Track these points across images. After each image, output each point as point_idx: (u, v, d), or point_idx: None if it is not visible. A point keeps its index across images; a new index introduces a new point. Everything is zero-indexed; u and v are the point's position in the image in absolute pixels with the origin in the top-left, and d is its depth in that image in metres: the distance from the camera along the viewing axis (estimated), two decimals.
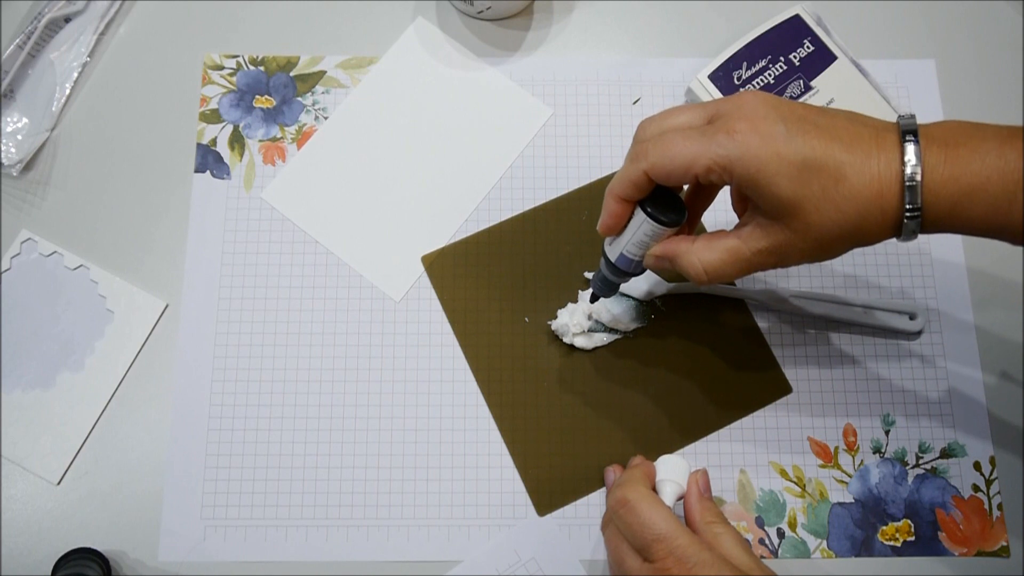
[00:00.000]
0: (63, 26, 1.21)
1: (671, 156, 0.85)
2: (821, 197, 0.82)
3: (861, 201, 0.82)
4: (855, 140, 0.83)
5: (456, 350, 1.12)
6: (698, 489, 0.98)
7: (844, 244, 0.86)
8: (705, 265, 0.89)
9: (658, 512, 0.91)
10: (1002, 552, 1.05)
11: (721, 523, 0.94)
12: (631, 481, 0.96)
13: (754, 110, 0.83)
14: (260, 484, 1.07)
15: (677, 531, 0.89)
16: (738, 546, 0.91)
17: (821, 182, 0.81)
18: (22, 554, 1.04)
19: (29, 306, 1.11)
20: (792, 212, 0.83)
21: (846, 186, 0.81)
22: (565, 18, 1.24)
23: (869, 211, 0.82)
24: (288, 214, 1.16)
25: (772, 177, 0.81)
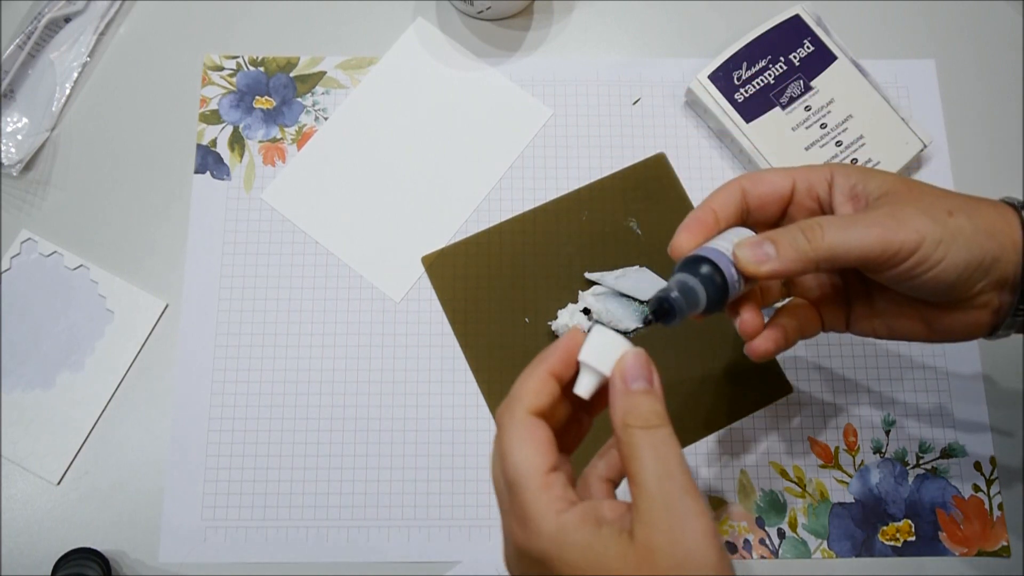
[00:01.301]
0: (63, 26, 1.21)
1: (844, 253, 0.80)
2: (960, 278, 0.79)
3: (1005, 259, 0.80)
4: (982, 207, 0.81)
5: (456, 350, 1.12)
6: (622, 380, 0.74)
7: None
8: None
9: (522, 448, 0.71)
10: (1003, 552, 1.05)
11: (644, 427, 0.72)
12: (516, 395, 0.75)
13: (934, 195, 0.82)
14: (260, 485, 1.07)
15: (530, 481, 0.70)
16: (654, 473, 0.69)
17: (966, 264, 0.79)
18: (22, 554, 1.04)
19: (29, 306, 1.11)
20: (930, 288, 0.81)
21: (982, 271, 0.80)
22: (565, 18, 1.24)
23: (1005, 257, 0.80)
24: (288, 215, 1.16)
25: (927, 258, 0.79)
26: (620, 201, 1.16)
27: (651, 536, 0.66)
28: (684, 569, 0.65)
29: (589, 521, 0.68)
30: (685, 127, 1.20)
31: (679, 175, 1.18)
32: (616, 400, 0.73)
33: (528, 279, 1.14)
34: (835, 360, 1.11)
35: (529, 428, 0.72)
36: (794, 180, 0.85)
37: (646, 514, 0.67)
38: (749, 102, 1.16)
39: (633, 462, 0.70)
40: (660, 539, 0.66)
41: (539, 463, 0.71)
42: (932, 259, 0.77)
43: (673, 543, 0.66)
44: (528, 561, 0.71)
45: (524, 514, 0.69)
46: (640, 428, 0.71)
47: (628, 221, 1.15)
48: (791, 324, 0.89)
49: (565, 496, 0.70)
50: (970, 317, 0.82)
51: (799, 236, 0.78)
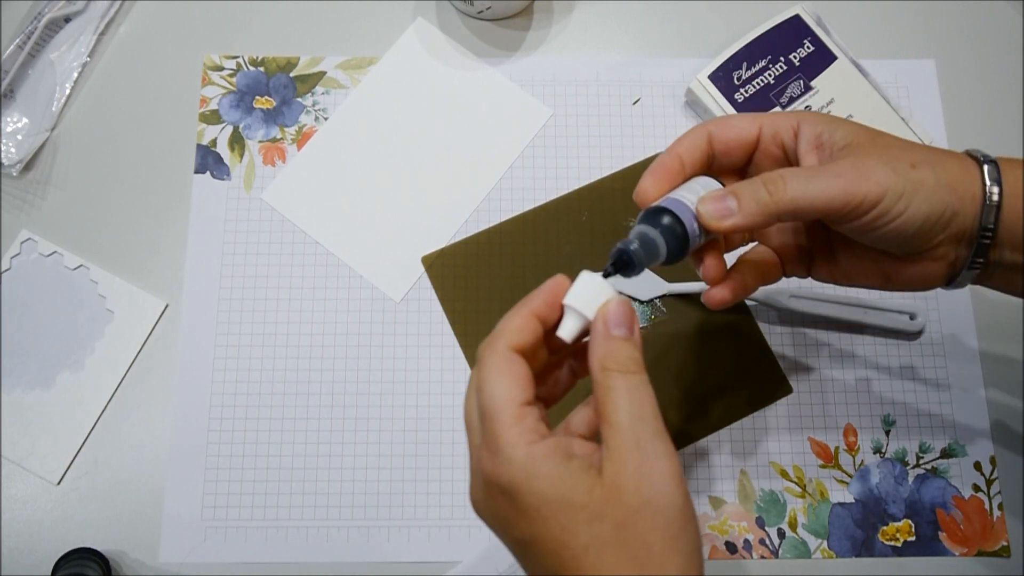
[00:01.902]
0: (63, 26, 1.21)
1: (854, 187, 0.79)
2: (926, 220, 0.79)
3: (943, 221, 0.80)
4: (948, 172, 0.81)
5: (456, 350, 1.12)
6: (604, 325, 0.75)
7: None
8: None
9: (499, 382, 0.72)
10: (1003, 552, 1.05)
11: (622, 371, 0.72)
12: (498, 332, 0.75)
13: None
14: (260, 485, 1.07)
15: (503, 414, 0.71)
16: (627, 414, 0.70)
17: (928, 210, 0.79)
18: (22, 554, 1.04)
19: (29, 306, 1.11)
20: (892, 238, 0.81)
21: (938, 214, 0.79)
22: (565, 18, 1.24)
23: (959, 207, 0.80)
24: (288, 215, 1.16)
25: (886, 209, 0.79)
26: (620, 201, 1.16)
27: (619, 473, 0.68)
28: (650, 507, 0.67)
29: (559, 453, 0.70)
30: (685, 127, 1.20)
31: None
32: (596, 343, 0.74)
33: (528, 279, 1.13)
34: (835, 360, 1.11)
35: (508, 362, 0.73)
36: (761, 126, 0.85)
37: (616, 452, 0.69)
38: (749, 102, 1.16)
39: (608, 403, 0.71)
40: (628, 477, 0.68)
41: (515, 395, 0.72)
42: (894, 211, 0.77)
43: (640, 480, 0.67)
44: (495, 491, 0.71)
45: (495, 443, 0.70)
46: (617, 372, 0.72)
47: (628, 221, 1.15)
48: (751, 272, 0.90)
49: (537, 429, 0.71)
50: (927, 269, 0.83)
51: (761, 189, 0.78)
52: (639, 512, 0.67)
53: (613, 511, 0.67)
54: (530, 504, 0.69)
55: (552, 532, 0.68)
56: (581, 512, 0.68)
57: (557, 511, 0.68)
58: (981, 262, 0.81)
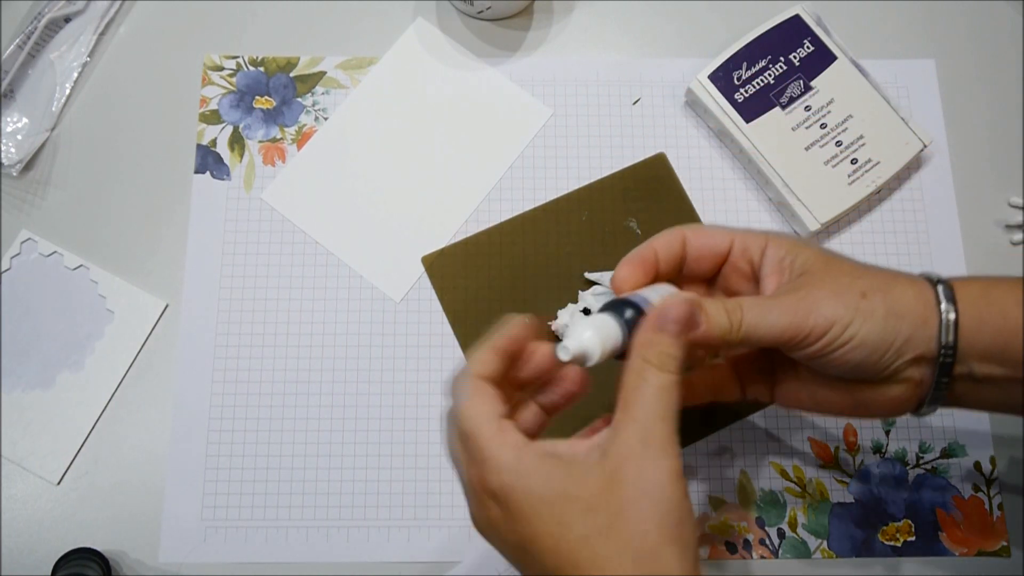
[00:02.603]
0: (63, 26, 1.21)
1: (808, 317, 0.80)
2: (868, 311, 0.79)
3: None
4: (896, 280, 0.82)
5: (456, 350, 1.12)
6: (661, 315, 0.75)
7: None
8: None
9: (473, 404, 0.73)
10: (1002, 552, 1.05)
11: (659, 368, 0.73)
12: (468, 367, 0.75)
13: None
14: (260, 485, 1.07)
15: (481, 428, 0.71)
16: (659, 402, 0.71)
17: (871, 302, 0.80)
18: (22, 554, 1.04)
19: (29, 306, 1.11)
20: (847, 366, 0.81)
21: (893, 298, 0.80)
22: (565, 18, 1.24)
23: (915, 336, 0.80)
24: (288, 215, 1.16)
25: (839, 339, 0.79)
26: (620, 201, 1.17)
27: (622, 465, 0.69)
28: (647, 498, 0.67)
29: (546, 452, 0.71)
30: (685, 127, 1.20)
31: (679, 175, 1.18)
32: (645, 330, 0.75)
33: (528, 279, 1.14)
34: None
35: (479, 387, 0.74)
36: (732, 241, 0.85)
37: (624, 443, 0.70)
38: (749, 102, 1.16)
39: (635, 394, 0.72)
40: (630, 469, 0.68)
41: (491, 410, 0.73)
42: (839, 341, 0.77)
43: (641, 474, 0.68)
44: (488, 501, 0.72)
45: (482, 456, 0.71)
46: (655, 367, 0.72)
47: (628, 221, 1.15)
48: (703, 384, 0.92)
49: (519, 436, 0.72)
50: (893, 392, 0.82)
51: (723, 314, 0.78)
52: (636, 503, 0.68)
53: (609, 502, 0.68)
54: (524, 504, 0.69)
55: (548, 528, 0.69)
56: (575, 504, 0.68)
57: (551, 506, 0.69)
58: (946, 381, 0.81)
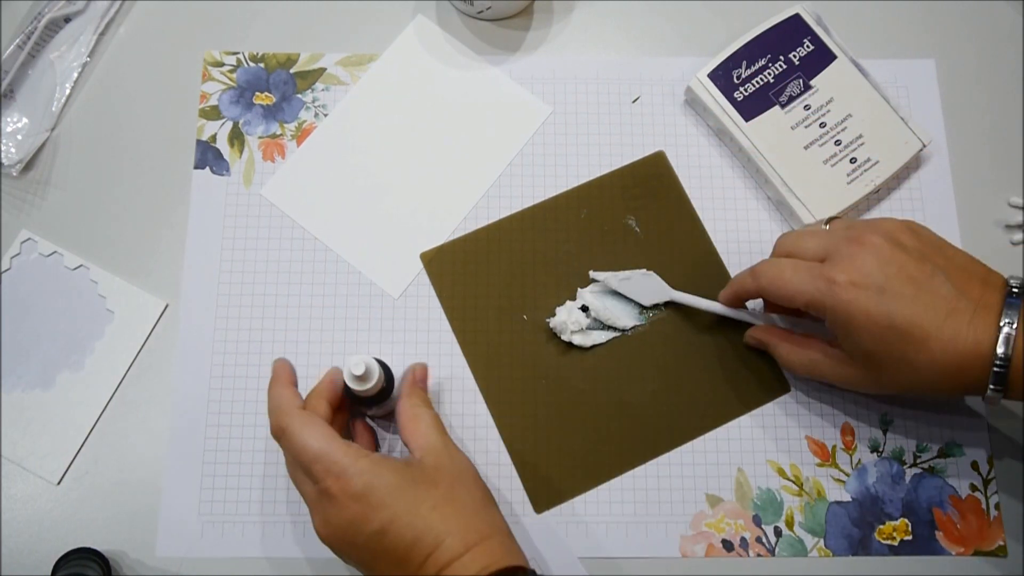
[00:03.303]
0: (63, 26, 1.21)
1: (779, 286, 0.98)
2: (900, 359, 0.91)
3: (940, 370, 0.89)
4: (950, 313, 0.89)
5: (454, 347, 1.12)
6: (413, 377, 1.06)
7: (916, 394, 1.04)
8: (788, 364, 1.05)
9: (311, 433, 0.93)
10: (999, 552, 1.06)
11: (424, 405, 1.02)
12: (282, 407, 0.98)
13: (862, 264, 0.92)
14: (258, 480, 1.08)
15: (330, 447, 0.92)
16: (432, 427, 0.99)
17: (902, 347, 0.90)
18: (22, 554, 1.04)
19: (29, 306, 1.11)
20: (870, 363, 0.93)
21: (927, 355, 0.89)
22: (565, 18, 1.24)
23: (947, 381, 0.91)
24: (287, 211, 1.16)
25: (858, 331, 0.92)
26: (619, 199, 1.17)
27: (439, 459, 0.96)
28: (466, 474, 0.96)
29: (387, 458, 0.94)
30: (684, 125, 1.20)
31: (678, 173, 1.18)
32: (406, 388, 1.04)
33: (527, 276, 1.14)
34: None
35: (306, 415, 0.96)
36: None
37: (432, 448, 0.97)
38: (748, 101, 1.16)
39: (418, 422, 0.99)
40: (445, 459, 0.96)
41: (330, 431, 0.94)
42: None
43: (452, 461, 0.96)
44: (349, 503, 0.90)
45: (339, 468, 0.90)
46: (423, 406, 1.02)
47: (627, 219, 1.15)
48: None
49: (364, 450, 0.93)
50: None
51: (747, 277, 1.05)
52: (460, 478, 0.94)
53: (443, 480, 0.93)
54: (384, 494, 0.89)
55: (406, 506, 0.89)
56: (421, 485, 0.91)
57: (406, 490, 0.90)
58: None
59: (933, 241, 0.95)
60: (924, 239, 0.95)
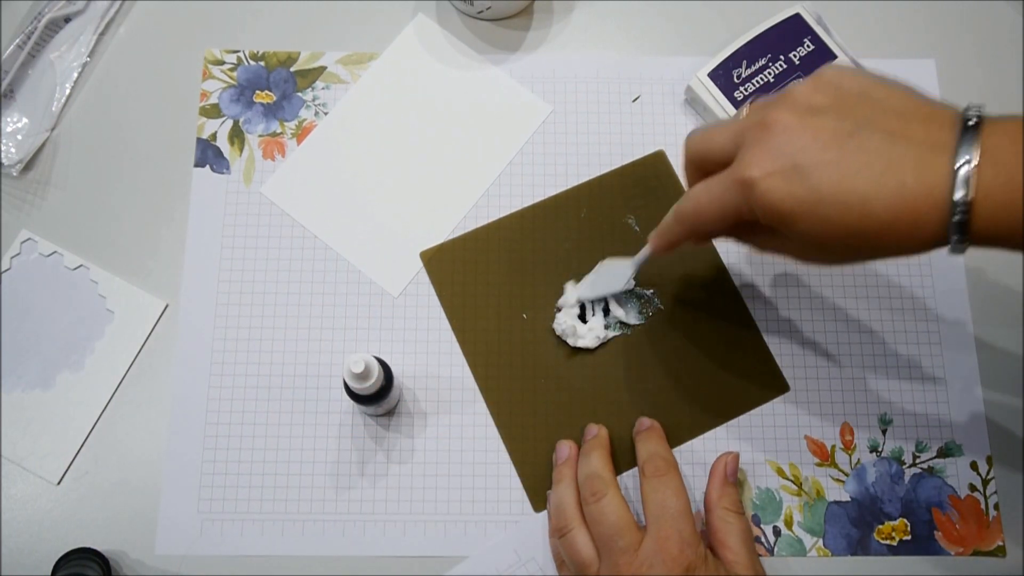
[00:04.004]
0: (63, 26, 1.21)
1: (701, 217, 0.88)
2: (847, 233, 0.78)
3: (893, 232, 0.77)
4: (888, 166, 0.76)
5: (454, 346, 1.12)
6: (723, 473, 1.04)
7: (882, 259, 0.84)
8: (756, 248, 0.94)
9: (626, 514, 0.97)
10: (998, 552, 1.06)
11: (735, 512, 1.01)
12: (602, 473, 1.00)
13: (771, 147, 0.80)
14: (257, 479, 1.08)
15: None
16: (740, 539, 0.99)
17: (844, 218, 0.77)
18: (22, 554, 1.04)
19: (29, 306, 1.12)
20: (823, 246, 0.82)
21: (873, 220, 0.76)
22: (565, 18, 1.24)
23: (904, 241, 0.78)
24: (287, 209, 1.16)
25: (792, 219, 0.79)
26: (619, 198, 1.17)
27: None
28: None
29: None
30: (685, 125, 1.20)
31: (678, 173, 1.18)
32: (715, 486, 1.03)
33: (526, 275, 1.14)
34: (832, 359, 1.12)
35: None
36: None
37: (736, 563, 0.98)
38: (748, 100, 1.16)
39: (724, 531, 1.00)
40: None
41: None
42: None
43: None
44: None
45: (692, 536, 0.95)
46: (732, 513, 1.01)
47: (627, 218, 1.16)
48: None
49: None
50: None
51: (674, 226, 0.94)
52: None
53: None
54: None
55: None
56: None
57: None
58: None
59: (856, 89, 0.82)
60: (844, 90, 0.82)
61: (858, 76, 0.84)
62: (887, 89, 0.83)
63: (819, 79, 0.84)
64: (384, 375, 1.00)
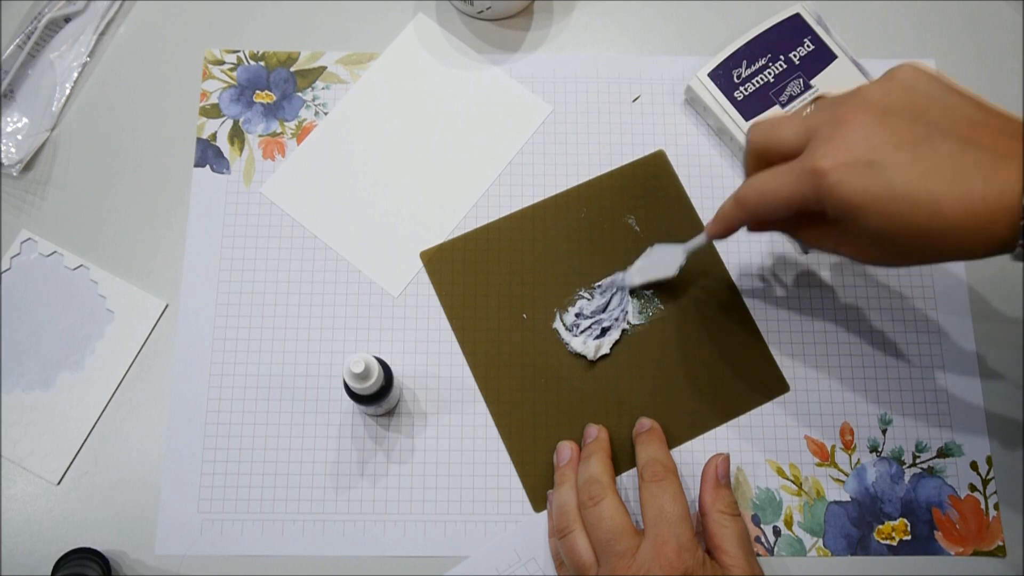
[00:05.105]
0: (63, 26, 1.21)
1: (766, 201, 0.89)
2: (913, 231, 0.80)
3: (960, 233, 0.79)
4: (959, 170, 0.79)
5: (454, 346, 1.12)
6: (715, 475, 1.03)
7: (942, 261, 0.88)
8: (811, 244, 0.95)
9: (624, 519, 0.97)
10: (998, 552, 1.06)
11: (730, 515, 1.01)
12: (601, 477, 1.01)
13: (845, 141, 0.83)
14: (257, 479, 1.08)
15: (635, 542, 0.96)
16: (736, 542, 0.98)
17: (912, 217, 0.80)
18: (22, 554, 1.04)
19: (29, 306, 1.11)
20: (885, 243, 0.84)
21: (942, 220, 0.79)
22: (565, 18, 1.24)
23: (970, 243, 0.80)
24: (287, 209, 1.16)
25: (860, 213, 0.81)
26: (619, 198, 1.17)
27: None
28: None
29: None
30: (684, 125, 1.20)
31: (678, 172, 1.18)
32: (707, 489, 1.03)
33: (526, 276, 1.14)
34: (832, 359, 1.12)
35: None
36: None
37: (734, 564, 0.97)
38: (749, 100, 1.16)
39: (721, 536, 0.99)
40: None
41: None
42: None
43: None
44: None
45: (689, 541, 0.95)
46: (728, 515, 1.01)
47: (627, 218, 1.16)
48: None
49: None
50: None
51: (733, 208, 0.96)
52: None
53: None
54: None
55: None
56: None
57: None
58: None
59: (931, 93, 0.84)
60: (920, 93, 0.84)
61: (932, 79, 0.85)
62: (958, 95, 0.84)
63: (892, 79, 0.86)
64: (384, 375, 1.00)
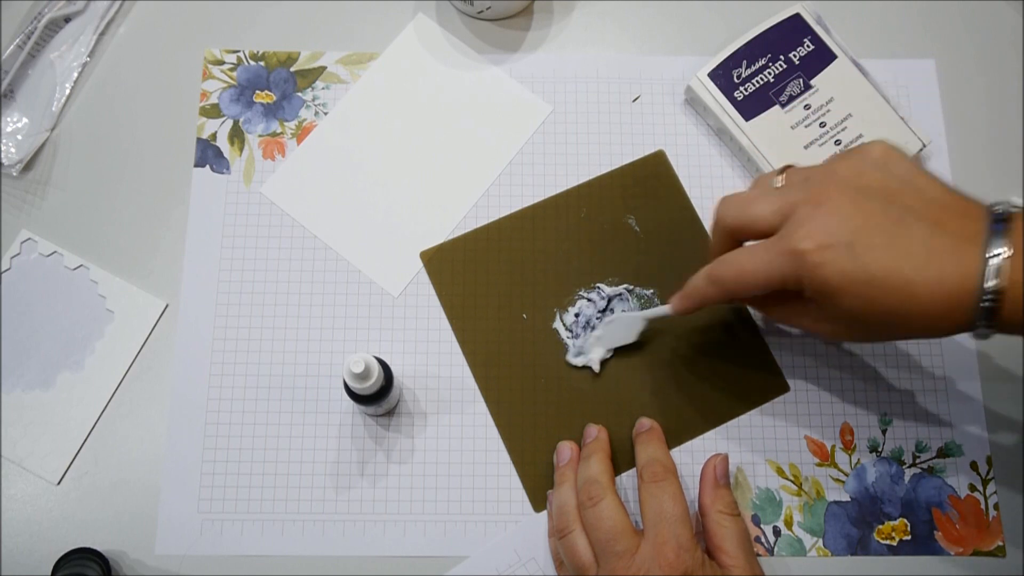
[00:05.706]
0: (63, 26, 1.21)
1: (743, 281, 0.91)
2: (887, 312, 0.85)
3: (931, 315, 0.84)
4: (931, 254, 0.83)
5: (454, 346, 1.12)
6: (714, 475, 1.03)
7: (905, 339, 0.99)
8: (769, 316, 1.04)
9: (623, 519, 0.97)
10: (998, 552, 1.06)
11: (730, 515, 1.00)
12: (600, 477, 1.01)
13: (825, 223, 0.85)
14: (257, 479, 1.08)
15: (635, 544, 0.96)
16: (736, 542, 0.98)
17: (887, 299, 0.84)
18: (22, 554, 1.04)
19: (29, 306, 1.11)
20: (856, 322, 0.88)
21: (915, 303, 0.83)
22: (565, 18, 1.24)
23: (938, 324, 0.85)
24: (287, 209, 1.16)
25: (838, 294, 0.85)
26: (619, 198, 1.17)
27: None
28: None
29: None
30: (684, 125, 1.20)
31: (678, 172, 1.18)
32: (707, 489, 1.03)
33: (526, 276, 1.14)
34: (832, 359, 1.12)
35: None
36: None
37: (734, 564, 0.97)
38: (748, 100, 1.16)
39: (721, 535, 0.99)
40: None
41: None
42: None
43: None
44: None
45: (689, 541, 0.95)
46: (727, 515, 1.00)
47: (627, 218, 1.15)
48: None
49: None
50: None
51: (705, 285, 0.98)
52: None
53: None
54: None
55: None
56: None
57: None
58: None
59: (901, 175, 0.88)
60: (892, 175, 0.88)
61: (901, 160, 0.89)
62: (926, 178, 0.88)
63: (865, 158, 0.90)
64: (384, 375, 1.00)
